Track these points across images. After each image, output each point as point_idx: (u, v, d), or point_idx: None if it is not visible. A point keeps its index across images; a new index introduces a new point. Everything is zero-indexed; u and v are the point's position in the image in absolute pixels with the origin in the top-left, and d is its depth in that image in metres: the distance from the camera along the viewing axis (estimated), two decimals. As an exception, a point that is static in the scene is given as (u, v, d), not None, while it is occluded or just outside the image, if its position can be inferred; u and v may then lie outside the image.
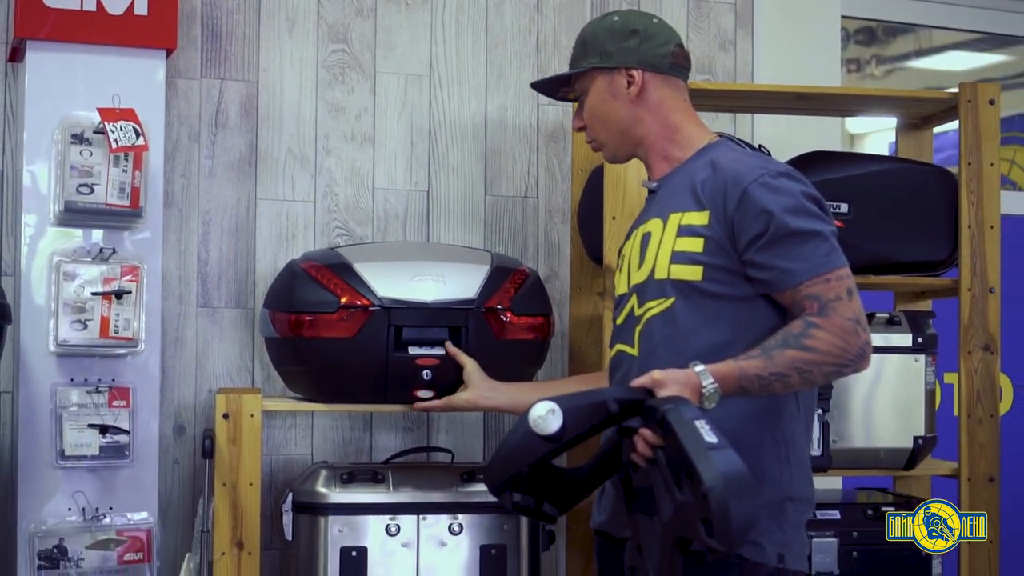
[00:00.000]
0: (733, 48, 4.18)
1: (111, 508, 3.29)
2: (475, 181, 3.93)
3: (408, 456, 3.68)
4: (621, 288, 2.67)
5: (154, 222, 3.35)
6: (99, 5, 3.28)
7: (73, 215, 3.22)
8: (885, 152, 5.00)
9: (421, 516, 3.31)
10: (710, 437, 2.12)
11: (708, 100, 3.82)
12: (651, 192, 2.67)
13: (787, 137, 4.04)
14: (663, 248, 2.52)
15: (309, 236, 3.78)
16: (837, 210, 3.50)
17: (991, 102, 3.51)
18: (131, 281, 3.21)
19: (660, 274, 2.50)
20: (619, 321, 2.65)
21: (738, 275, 2.45)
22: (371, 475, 3.35)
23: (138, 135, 3.15)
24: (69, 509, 3.26)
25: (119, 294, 3.18)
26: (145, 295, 3.26)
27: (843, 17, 4.47)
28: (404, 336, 3.21)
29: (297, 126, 3.79)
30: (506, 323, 3.28)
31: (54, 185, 3.23)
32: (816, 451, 3.35)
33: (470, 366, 3.15)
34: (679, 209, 2.52)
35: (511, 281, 3.34)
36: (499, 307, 3.27)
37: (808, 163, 3.62)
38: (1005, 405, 4.83)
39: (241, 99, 3.74)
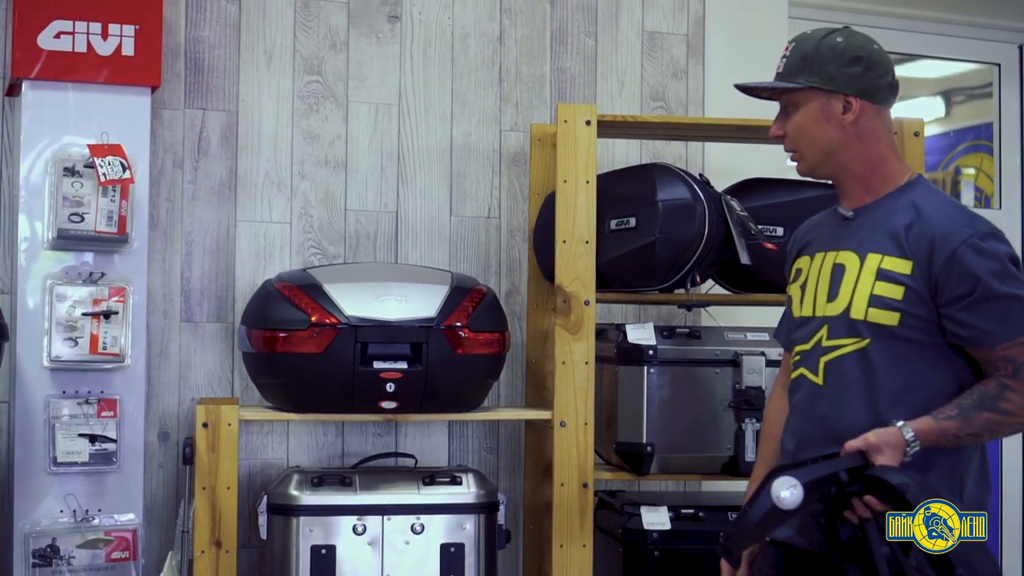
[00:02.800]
0: (685, 77, 4.43)
1: (100, 510, 3.54)
2: (441, 203, 4.19)
3: (375, 460, 3.94)
4: (806, 310, 2.70)
5: (140, 246, 3.60)
6: (89, 47, 3.54)
7: (65, 241, 3.48)
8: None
9: (386, 517, 3.57)
10: None
11: (662, 130, 4.09)
12: (844, 219, 2.71)
13: (735, 162, 4.29)
14: (860, 288, 2.59)
15: (285, 255, 4.03)
16: (773, 234, 3.76)
17: (916, 135, 3.79)
18: (118, 302, 3.47)
19: (856, 315, 2.58)
20: (807, 347, 2.69)
21: (932, 324, 2.54)
22: (340, 479, 3.61)
23: (125, 169, 3.42)
24: (61, 511, 3.51)
25: (107, 314, 3.45)
26: (131, 314, 3.52)
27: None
28: (369, 351, 3.48)
29: (274, 152, 4.05)
30: (464, 339, 3.54)
31: (48, 213, 3.49)
32: (751, 457, 3.61)
33: None
34: (879, 251, 2.58)
35: (469, 299, 3.60)
36: (457, 324, 3.54)
37: (746, 189, 3.89)
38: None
39: (222, 128, 4.00)
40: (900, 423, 2.47)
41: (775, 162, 4.40)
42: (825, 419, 2.61)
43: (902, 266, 2.55)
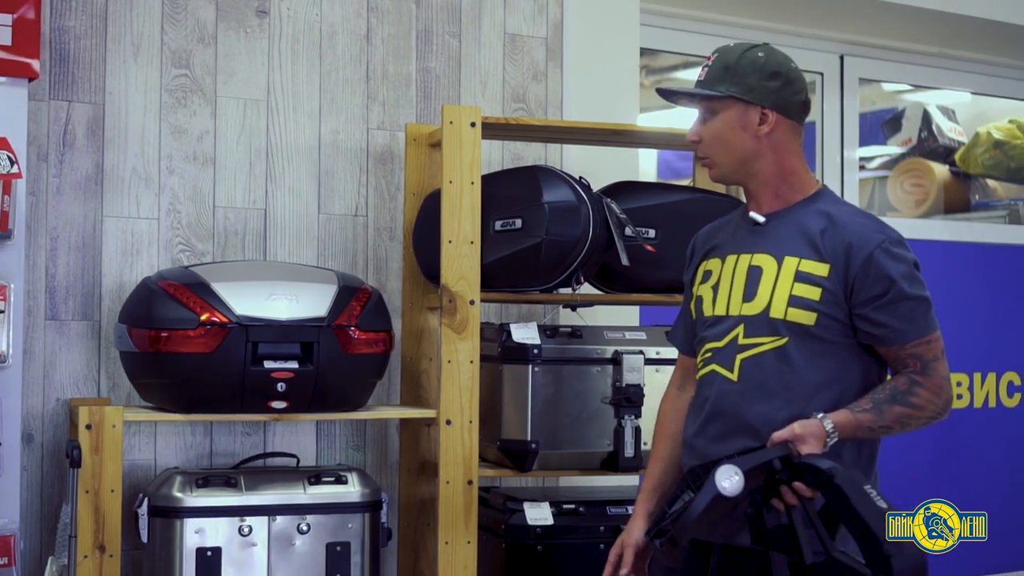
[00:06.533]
0: (544, 79, 4.51)
1: (-25, 515, 3.42)
2: (309, 200, 4.17)
3: (256, 460, 3.90)
4: (719, 310, 2.82)
5: (19, 243, 3.48)
6: (-34, 36, 3.41)
7: (-55, 237, 3.34)
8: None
9: (271, 517, 3.55)
10: (881, 503, 2.45)
11: (525, 132, 4.17)
12: (756, 224, 2.84)
13: (592, 164, 4.39)
14: (779, 289, 2.73)
15: (153, 252, 3.95)
16: (646, 235, 3.88)
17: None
18: (0, 300, 3.35)
19: (776, 314, 2.72)
20: (719, 344, 2.80)
21: (844, 324, 2.71)
22: (224, 479, 3.57)
23: (12, 163, 3.30)
24: (-64, 517, 3.37)
25: (-7, 314, 3.33)
26: (12, 313, 3.40)
27: (642, 49, 4.83)
28: (260, 351, 3.46)
29: (142, 147, 3.96)
30: (353, 338, 3.55)
31: (-75, 208, 3.34)
32: (630, 453, 3.73)
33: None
34: (796, 254, 2.74)
35: (357, 299, 3.61)
36: (347, 324, 3.54)
37: (619, 191, 4.00)
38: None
39: (88, 120, 3.89)
40: (820, 415, 2.62)
41: (628, 165, 4.56)
42: (739, 413, 2.74)
43: (820, 269, 2.72)
